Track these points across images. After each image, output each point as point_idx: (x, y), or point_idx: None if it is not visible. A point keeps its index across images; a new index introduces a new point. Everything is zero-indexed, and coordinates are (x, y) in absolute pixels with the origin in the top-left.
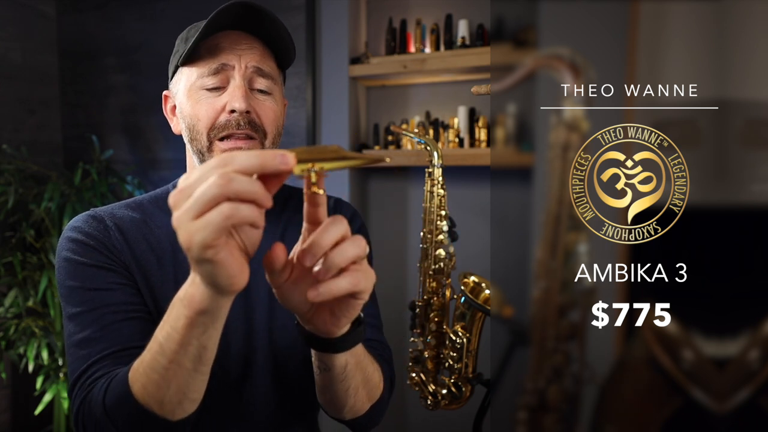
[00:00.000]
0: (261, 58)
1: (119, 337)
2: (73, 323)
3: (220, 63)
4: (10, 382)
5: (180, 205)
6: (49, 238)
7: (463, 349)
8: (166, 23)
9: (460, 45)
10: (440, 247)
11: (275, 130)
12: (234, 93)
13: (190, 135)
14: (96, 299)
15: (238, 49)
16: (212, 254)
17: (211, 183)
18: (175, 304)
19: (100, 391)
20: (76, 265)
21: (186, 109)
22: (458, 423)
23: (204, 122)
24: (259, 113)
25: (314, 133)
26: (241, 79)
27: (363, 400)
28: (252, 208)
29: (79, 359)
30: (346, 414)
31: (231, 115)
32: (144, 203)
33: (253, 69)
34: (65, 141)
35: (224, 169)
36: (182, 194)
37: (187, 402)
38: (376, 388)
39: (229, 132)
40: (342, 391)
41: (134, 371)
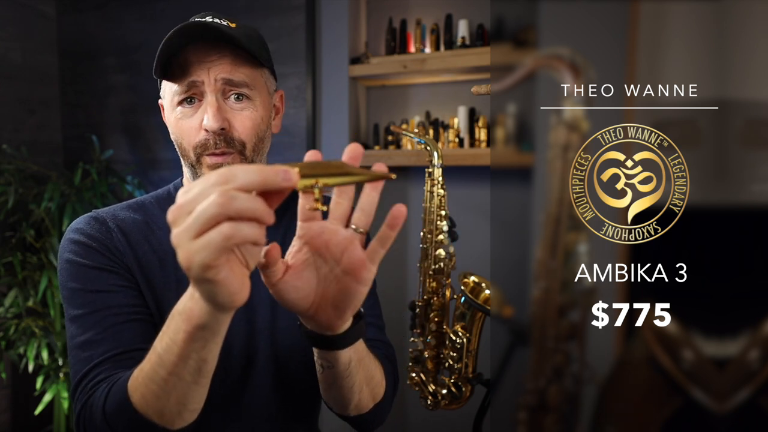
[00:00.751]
0: (231, 67)
1: (121, 340)
2: (75, 325)
3: (189, 80)
4: (10, 382)
5: (179, 222)
6: (49, 238)
7: (463, 349)
8: (166, 23)
9: (460, 45)
10: (440, 247)
11: (255, 137)
12: (206, 112)
13: (180, 150)
14: (98, 301)
15: (206, 62)
16: (213, 274)
17: (212, 201)
18: (174, 317)
19: (101, 397)
20: (78, 267)
21: (171, 124)
22: (458, 423)
23: (187, 140)
24: (234, 126)
25: (314, 133)
26: (212, 95)
27: (367, 397)
28: (253, 226)
29: (81, 361)
30: (351, 411)
31: (207, 134)
32: (146, 204)
33: (222, 81)
34: (65, 141)
35: (225, 186)
36: (181, 210)
37: (187, 412)
38: (378, 385)
39: (209, 151)
40: (347, 388)
41: (134, 380)
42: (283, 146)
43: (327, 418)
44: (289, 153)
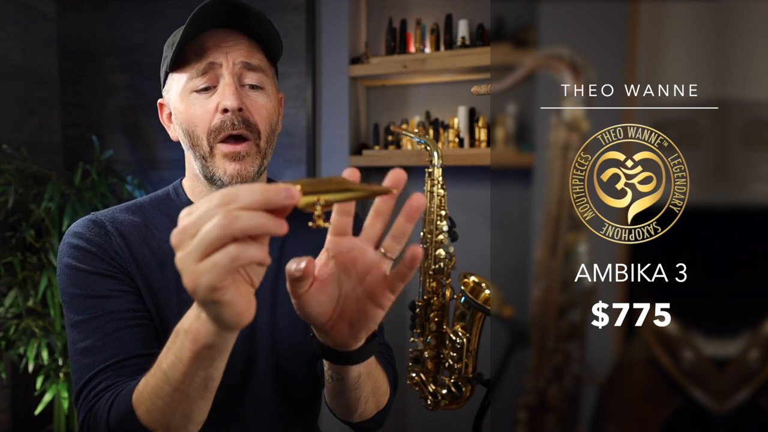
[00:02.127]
0: (248, 52)
1: (122, 346)
2: (75, 331)
3: (207, 62)
4: (10, 382)
5: (183, 245)
6: (49, 238)
7: (463, 349)
8: (166, 23)
9: (460, 45)
10: (440, 247)
11: (269, 128)
12: (224, 91)
13: (191, 141)
14: (98, 307)
15: (224, 47)
16: (219, 296)
17: (216, 223)
18: (179, 334)
19: (105, 408)
20: (77, 272)
21: (181, 114)
22: (458, 423)
23: (201, 126)
24: (251, 111)
25: (314, 133)
26: (230, 76)
27: (372, 407)
28: (259, 247)
29: (83, 368)
30: (355, 419)
31: (224, 115)
32: (145, 206)
33: (241, 64)
34: (65, 141)
35: (228, 207)
36: (185, 233)
37: (192, 425)
38: (384, 395)
39: (225, 134)
40: (353, 399)
41: (138, 394)
42: (283, 146)
43: (327, 418)
44: (289, 153)
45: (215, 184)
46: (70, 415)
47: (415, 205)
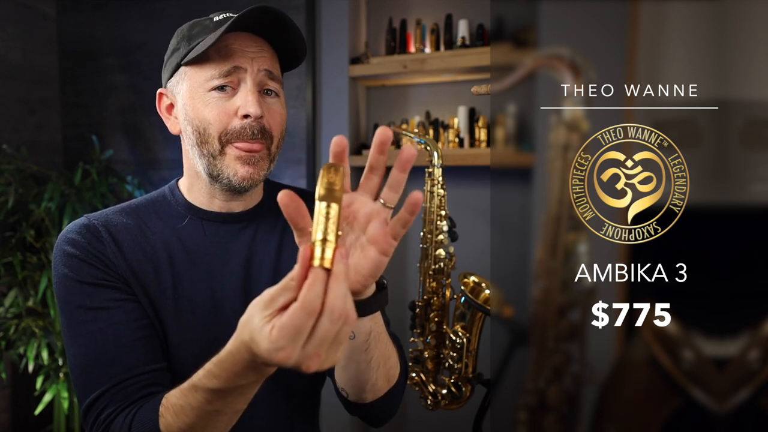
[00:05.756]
0: (271, 61)
1: (125, 364)
2: (75, 345)
3: (232, 65)
4: (10, 382)
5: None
6: (49, 238)
7: (463, 349)
8: (166, 23)
9: (460, 45)
10: (440, 247)
11: (280, 133)
12: (247, 98)
13: (200, 138)
14: (97, 319)
15: (249, 52)
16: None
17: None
18: (231, 392)
19: (125, 425)
20: (74, 283)
21: (193, 111)
22: (458, 423)
23: (216, 126)
24: (268, 118)
25: (314, 133)
26: (253, 83)
27: (383, 379)
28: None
29: (86, 385)
30: (367, 394)
31: (244, 121)
32: (139, 208)
33: (264, 72)
34: (65, 141)
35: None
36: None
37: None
38: (394, 366)
39: (243, 140)
40: (365, 363)
41: (167, 427)
42: (283, 146)
43: (327, 418)
44: (289, 153)
45: (220, 183)
46: (70, 415)
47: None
